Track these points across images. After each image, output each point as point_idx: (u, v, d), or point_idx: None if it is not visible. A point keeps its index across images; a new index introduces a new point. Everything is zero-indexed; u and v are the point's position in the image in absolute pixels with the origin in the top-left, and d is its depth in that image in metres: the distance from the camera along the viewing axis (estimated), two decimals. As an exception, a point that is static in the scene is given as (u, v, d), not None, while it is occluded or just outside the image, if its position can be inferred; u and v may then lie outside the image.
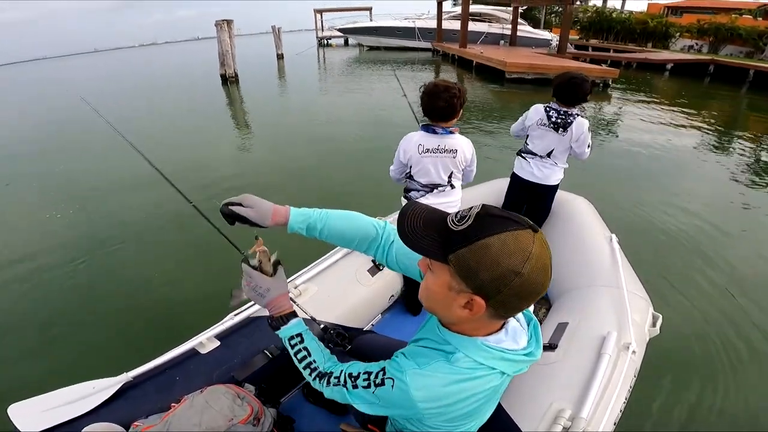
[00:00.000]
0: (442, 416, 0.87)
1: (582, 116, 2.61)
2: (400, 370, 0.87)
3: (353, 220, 1.13)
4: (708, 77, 15.82)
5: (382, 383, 0.88)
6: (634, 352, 1.68)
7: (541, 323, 2.04)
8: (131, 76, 24.58)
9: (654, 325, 1.96)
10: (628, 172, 5.90)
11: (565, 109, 2.59)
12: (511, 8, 22.37)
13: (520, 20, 23.44)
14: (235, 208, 1.05)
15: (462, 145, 2.17)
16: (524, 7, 25.26)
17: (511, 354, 0.86)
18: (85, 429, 1.42)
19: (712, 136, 7.72)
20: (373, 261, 2.31)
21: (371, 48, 28.58)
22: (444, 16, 23.61)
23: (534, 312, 2.46)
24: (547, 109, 2.65)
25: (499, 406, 1.46)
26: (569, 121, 2.58)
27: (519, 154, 2.89)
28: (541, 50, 19.94)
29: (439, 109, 2.03)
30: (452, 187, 2.26)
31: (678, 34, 22.36)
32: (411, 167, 2.21)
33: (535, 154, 2.77)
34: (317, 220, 1.10)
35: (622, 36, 23.96)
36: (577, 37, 25.66)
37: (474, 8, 23.74)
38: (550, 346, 1.74)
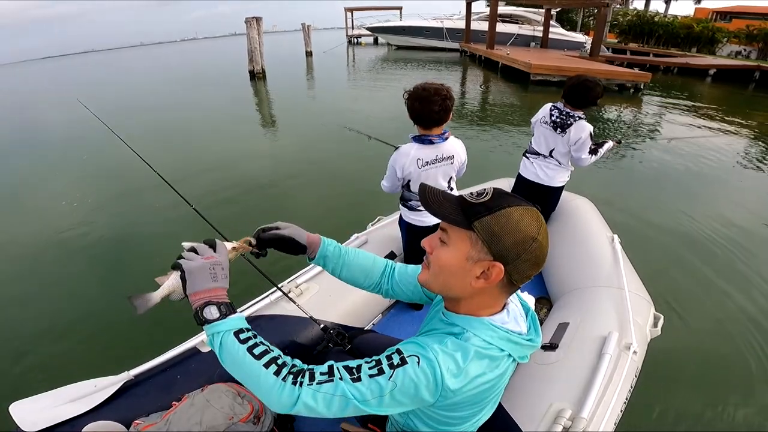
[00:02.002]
0: (456, 397, 0.88)
1: (584, 120, 2.66)
2: (423, 348, 0.87)
3: (371, 255, 1.30)
4: (753, 84, 15.54)
5: (403, 362, 0.85)
6: (635, 352, 1.72)
7: (542, 323, 2.10)
8: (168, 70, 27.51)
9: (655, 325, 1.98)
10: (646, 177, 5.93)
11: (567, 110, 2.68)
12: (543, 10, 22.70)
13: (552, 23, 23.79)
14: (274, 232, 1.15)
15: (457, 148, 2.14)
16: (557, 9, 25.39)
17: (516, 336, 0.93)
18: (86, 428, 1.48)
19: (748, 145, 7.56)
20: None
21: (399, 47, 29.74)
22: (473, 17, 24.23)
23: (536, 311, 2.48)
24: (552, 107, 2.76)
25: (500, 406, 1.48)
26: (569, 122, 2.65)
27: (524, 154, 2.98)
28: (572, 53, 20.16)
29: (434, 114, 1.94)
30: (451, 189, 2.25)
31: (725, 39, 22.06)
32: (409, 181, 2.16)
33: (539, 154, 2.86)
34: (344, 249, 1.26)
35: (665, 40, 23.87)
36: (616, 41, 25.53)
37: (505, 9, 24.36)
38: (551, 346, 1.78)
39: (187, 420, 1.47)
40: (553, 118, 2.72)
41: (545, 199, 2.89)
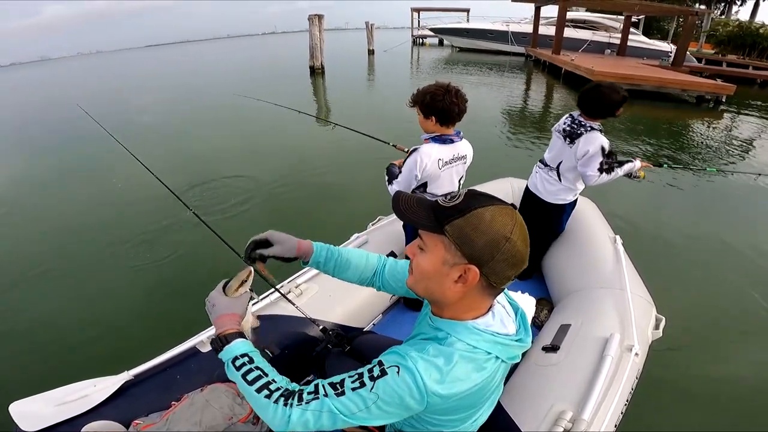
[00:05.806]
0: (444, 403, 0.90)
1: (598, 131, 2.45)
2: (403, 357, 0.90)
3: (364, 254, 1.35)
4: None
5: (383, 373, 0.89)
6: (636, 354, 1.76)
7: (543, 324, 2.16)
8: (235, 62, 30.59)
9: (657, 327, 2.03)
10: (692, 191, 5.82)
11: (581, 120, 2.50)
12: (623, 17, 22.21)
13: (634, 30, 23.15)
14: (263, 251, 1.22)
15: (468, 147, 2.24)
16: (640, 17, 24.70)
17: (502, 338, 0.97)
18: (85, 427, 1.53)
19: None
20: None
21: (461, 49, 29.83)
22: (542, 22, 23.97)
23: (536, 313, 2.53)
24: (568, 115, 2.60)
25: (500, 406, 1.54)
26: (579, 132, 2.47)
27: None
28: (651, 62, 19.12)
29: (464, 106, 2.04)
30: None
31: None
32: (426, 182, 2.19)
33: (546, 164, 2.73)
34: (336, 249, 1.31)
35: (770, 53, 22.92)
36: (712, 52, 24.39)
37: (579, 15, 24.20)
38: (552, 348, 1.83)
39: (186, 420, 1.52)
40: (564, 126, 2.56)
41: (541, 213, 2.76)
